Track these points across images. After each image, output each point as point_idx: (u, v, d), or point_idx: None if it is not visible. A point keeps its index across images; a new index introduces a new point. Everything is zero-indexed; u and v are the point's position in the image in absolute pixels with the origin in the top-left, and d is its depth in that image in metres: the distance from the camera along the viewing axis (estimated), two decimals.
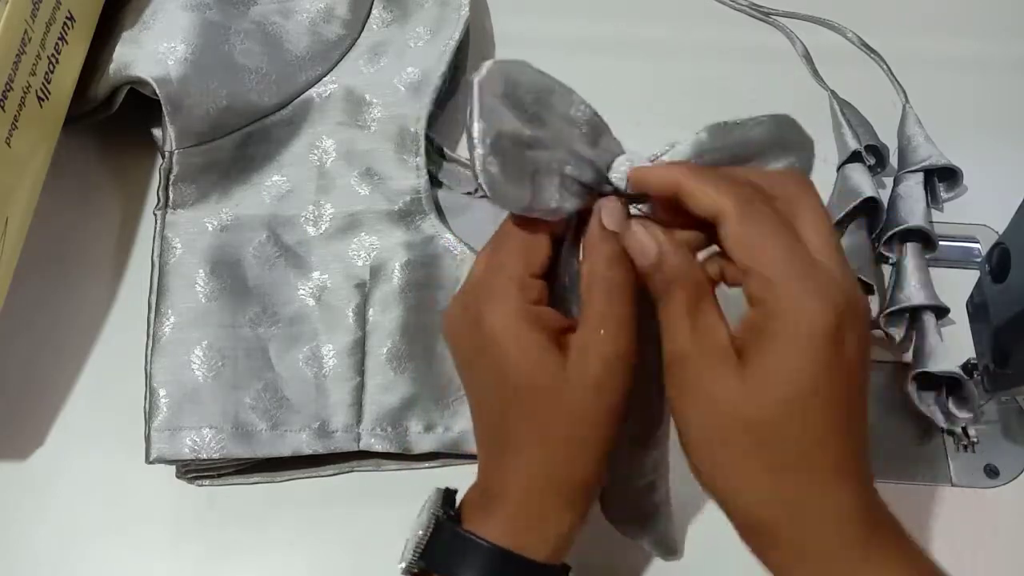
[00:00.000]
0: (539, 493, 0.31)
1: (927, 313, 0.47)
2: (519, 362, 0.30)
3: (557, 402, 0.30)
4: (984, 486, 0.44)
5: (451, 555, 0.31)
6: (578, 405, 0.30)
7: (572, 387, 0.30)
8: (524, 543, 0.31)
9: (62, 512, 0.43)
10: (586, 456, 0.31)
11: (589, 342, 0.30)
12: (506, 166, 0.29)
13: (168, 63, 0.45)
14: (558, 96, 0.31)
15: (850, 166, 0.51)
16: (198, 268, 0.44)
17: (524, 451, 0.31)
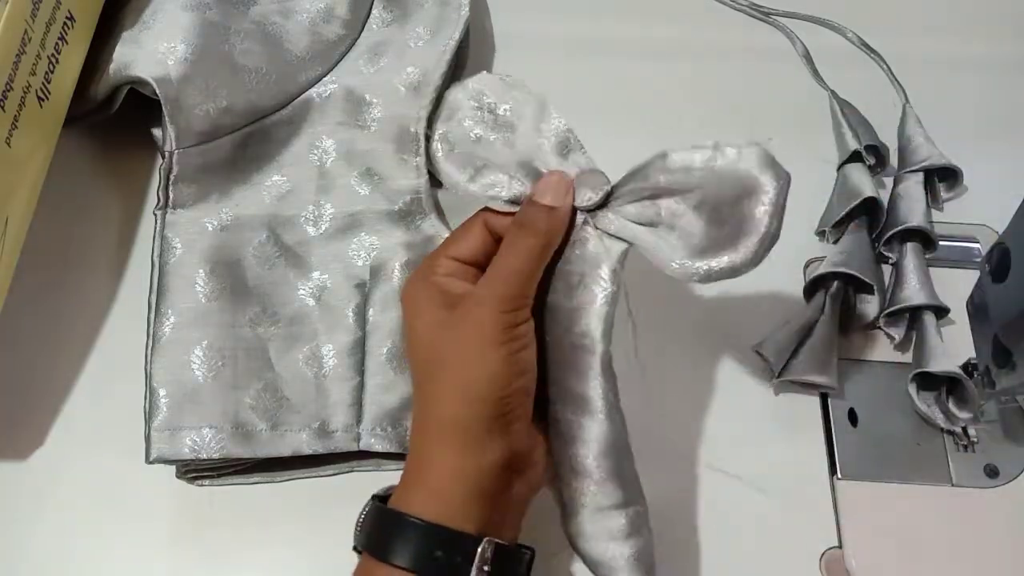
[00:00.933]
0: (418, 440, 0.34)
1: (927, 313, 0.47)
2: (413, 319, 0.35)
3: (436, 347, 0.34)
4: (984, 486, 0.44)
5: (379, 533, 0.33)
6: (447, 344, 0.34)
7: (449, 330, 0.34)
8: (427, 508, 0.32)
9: (62, 512, 0.43)
10: (449, 393, 0.33)
11: (482, 290, 0.34)
12: (450, 153, 0.35)
13: (168, 63, 0.45)
14: (533, 109, 0.36)
15: (850, 166, 0.51)
16: (198, 268, 0.44)
17: (416, 402, 0.35)
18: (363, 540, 0.34)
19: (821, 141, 0.54)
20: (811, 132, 0.55)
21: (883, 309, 0.47)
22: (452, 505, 0.32)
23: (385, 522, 0.33)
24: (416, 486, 0.33)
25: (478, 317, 0.33)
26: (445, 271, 0.36)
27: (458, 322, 0.34)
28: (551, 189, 0.35)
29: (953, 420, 0.45)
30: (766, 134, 0.54)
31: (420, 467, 0.34)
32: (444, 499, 0.32)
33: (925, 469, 0.45)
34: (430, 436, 0.34)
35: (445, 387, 0.33)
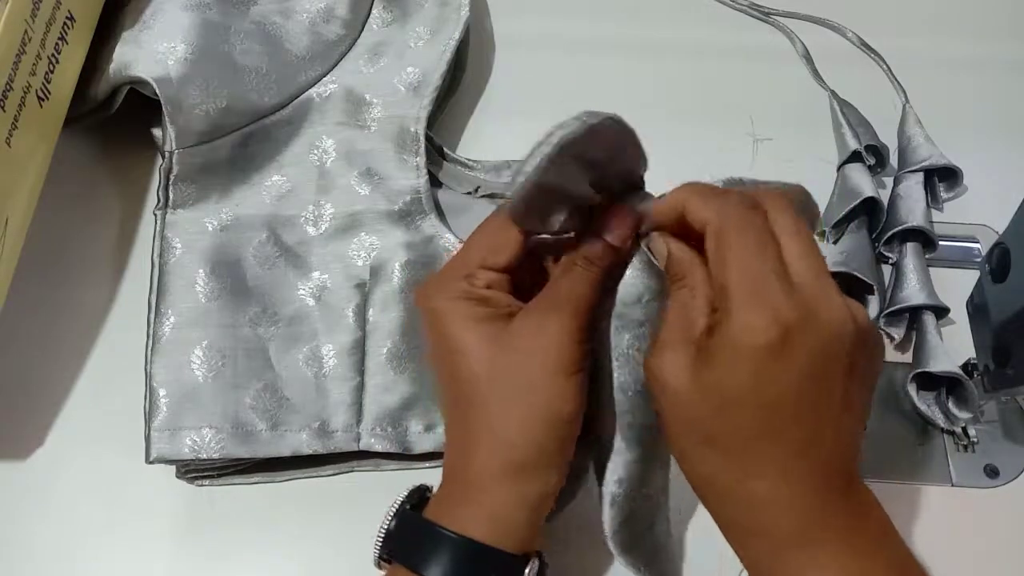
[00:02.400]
0: (477, 464, 0.32)
1: (927, 313, 0.47)
2: (457, 334, 0.33)
3: (494, 367, 0.32)
4: (984, 486, 0.44)
5: (413, 545, 0.32)
6: (514, 367, 0.32)
7: (511, 351, 0.32)
8: (469, 522, 0.32)
9: (62, 512, 0.43)
10: (521, 419, 0.32)
11: (536, 309, 0.33)
12: (532, 207, 0.31)
13: (168, 63, 0.45)
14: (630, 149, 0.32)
15: (850, 166, 0.51)
16: (198, 268, 0.44)
17: (466, 421, 0.33)
18: (397, 550, 0.33)
19: (821, 141, 0.54)
20: (811, 132, 0.55)
21: (883, 309, 0.47)
22: (515, 532, 0.32)
23: (434, 540, 0.32)
24: (470, 506, 0.32)
25: (551, 344, 0.32)
26: (485, 281, 0.33)
27: (527, 338, 0.32)
28: (619, 229, 0.33)
29: (953, 420, 0.45)
30: (766, 134, 0.55)
31: (475, 488, 0.32)
32: (507, 525, 0.32)
33: (925, 469, 0.45)
34: (487, 457, 0.32)
35: (510, 409, 0.32)
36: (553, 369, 0.32)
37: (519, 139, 0.53)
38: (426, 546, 0.32)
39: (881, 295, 0.48)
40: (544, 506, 0.33)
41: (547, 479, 0.33)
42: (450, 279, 0.34)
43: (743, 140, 0.54)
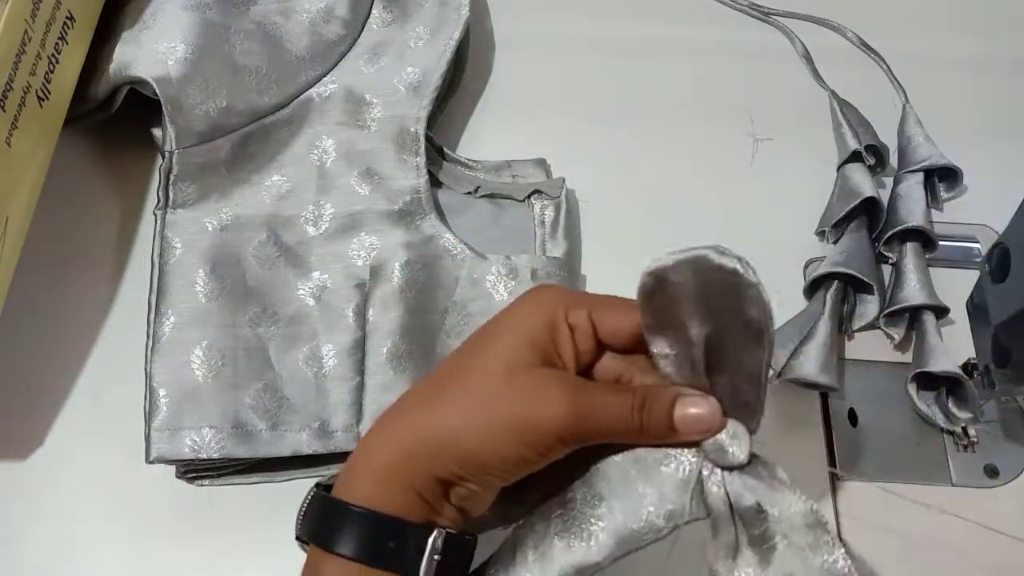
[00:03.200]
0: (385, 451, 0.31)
1: (927, 313, 0.47)
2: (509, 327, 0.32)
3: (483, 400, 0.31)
4: (984, 486, 0.44)
5: (322, 524, 0.32)
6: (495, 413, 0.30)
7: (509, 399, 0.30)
8: (383, 500, 0.31)
9: (62, 512, 0.43)
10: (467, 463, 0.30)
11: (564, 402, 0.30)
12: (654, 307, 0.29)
13: (168, 63, 0.45)
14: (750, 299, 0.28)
15: (850, 166, 0.51)
16: (198, 268, 0.44)
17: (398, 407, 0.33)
18: (307, 530, 0.32)
19: (821, 141, 0.54)
20: (811, 132, 0.55)
21: (883, 309, 0.47)
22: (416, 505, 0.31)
23: (329, 510, 0.32)
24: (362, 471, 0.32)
25: (542, 411, 0.30)
26: (575, 321, 0.32)
27: (529, 385, 0.30)
28: (693, 414, 0.31)
29: (953, 420, 0.45)
30: (766, 134, 0.55)
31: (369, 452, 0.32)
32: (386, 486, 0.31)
33: (925, 469, 0.45)
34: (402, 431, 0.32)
35: (449, 411, 0.31)
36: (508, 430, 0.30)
37: (519, 139, 0.53)
38: (333, 523, 0.31)
39: (881, 295, 0.48)
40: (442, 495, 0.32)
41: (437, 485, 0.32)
42: (560, 295, 0.32)
43: (743, 140, 0.54)
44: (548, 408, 0.30)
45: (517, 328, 0.32)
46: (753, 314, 0.28)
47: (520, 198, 0.50)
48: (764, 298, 0.27)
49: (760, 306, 0.27)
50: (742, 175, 0.53)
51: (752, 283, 0.27)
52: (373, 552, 0.31)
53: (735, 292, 0.27)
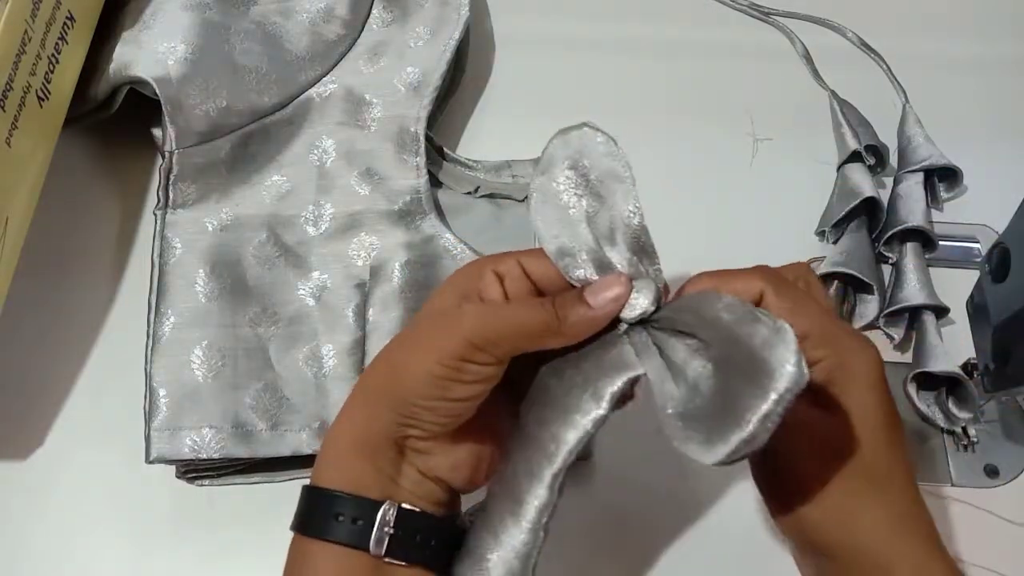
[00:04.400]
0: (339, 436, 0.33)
1: (927, 313, 0.47)
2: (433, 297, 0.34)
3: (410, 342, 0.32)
4: (984, 486, 0.44)
5: (306, 512, 0.33)
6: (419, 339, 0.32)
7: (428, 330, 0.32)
8: (343, 480, 0.32)
9: (62, 512, 0.43)
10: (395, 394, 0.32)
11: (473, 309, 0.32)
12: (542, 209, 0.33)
13: (168, 63, 0.45)
14: (622, 191, 0.32)
15: (850, 166, 0.51)
16: (198, 268, 0.44)
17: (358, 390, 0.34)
18: (293, 521, 0.34)
19: (821, 141, 0.54)
20: (811, 132, 0.55)
21: (883, 309, 0.47)
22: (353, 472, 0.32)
23: (302, 497, 0.33)
24: (325, 455, 0.34)
25: (452, 327, 0.31)
26: (504, 269, 0.33)
27: (444, 314, 0.32)
28: (604, 297, 0.32)
29: (953, 420, 0.45)
30: (766, 134, 0.55)
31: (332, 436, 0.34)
32: (346, 467, 0.33)
33: (925, 469, 0.45)
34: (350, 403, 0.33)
35: (383, 365, 0.33)
36: (428, 347, 0.31)
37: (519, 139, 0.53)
38: (300, 507, 0.33)
39: (881, 295, 0.48)
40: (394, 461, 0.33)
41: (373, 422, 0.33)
42: (488, 255, 0.35)
43: (743, 140, 0.55)
44: (454, 321, 0.31)
45: (447, 285, 0.34)
46: (613, 166, 0.32)
47: (520, 198, 0.50)
48: (616, 148, 0.32)
49: (615, 157, 0.32)
50: (742, 175, 0.53)
51: (604, 138, 0.31)
52: (322, 526, 0.32)
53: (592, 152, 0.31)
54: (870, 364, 0.33)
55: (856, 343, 0.33)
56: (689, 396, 0.30)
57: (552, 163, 0.32)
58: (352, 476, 0.32)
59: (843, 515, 0.33)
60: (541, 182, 0.33)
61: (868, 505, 0.32)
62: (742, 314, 0.29)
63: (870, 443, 0.32)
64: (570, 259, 0.33)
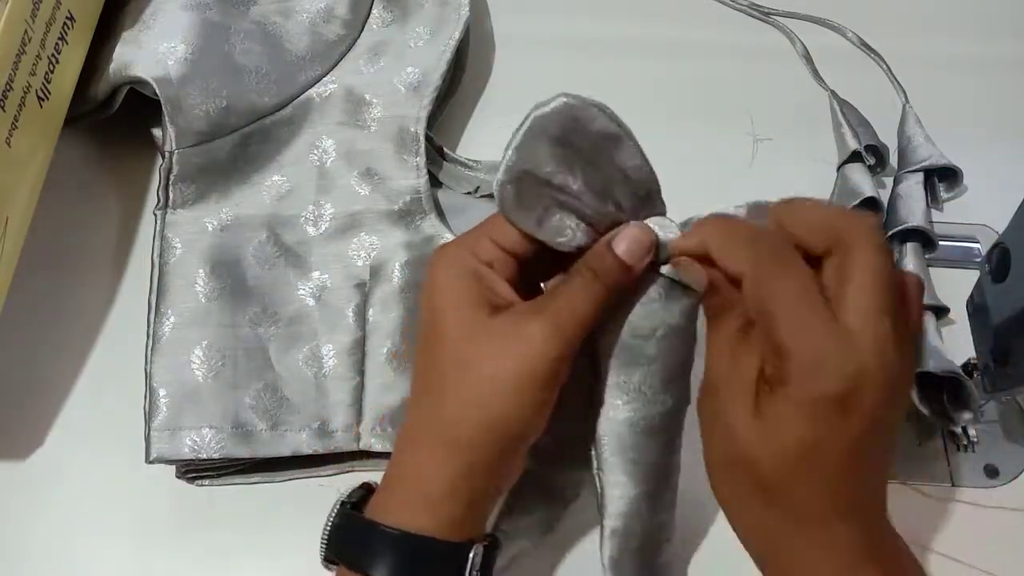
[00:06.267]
0: (422, 454, 0.32)
1: (927, 313, 0.47)
2: (443, 311, 0.32)
3: (464, 357, 0.31)
4: (984, 486, 0.44)
5: (355, 546, 0.32)
6: (481, 365, 0.31)
7: (485, 347, 0.31)
8: (421, 523, 0.31)
9: (62, 512, 0.43)
10: (474, 421, 0.31)
11: (528, 313, 0.31)
12: (521, 196, 0.30)
13: (168, 63, 0.46)
14: (624, 148, 0.31)
15: (850, 166, 0.51)
16: (198, 268, 0.44)
17: (420, 402, 0.33)
18: (339, 552, 0.32)
19: (821, 141, 0.54)
20: (811, 132, 0.55)
21: None
22: (456, 525, 0.32)
23: (365, 533, 0.32)
24: (403, 496, 0.32)
25: (529, 349, 0.30)
26: (488, 257, 0.32)
27: (503, 339, 0.30)
28: (633, 245, 0.31)
29: (953, 420, 0.45)
30: (766, 134, 0.55)
31: (409, 475, 0.32)
32: (436, 513, 0.31)
33: (925, 469, 0.45)
34: (432, 448, 0.32)
35: (467, 406, 0.31)
36: (518, 382, 0.30)
37: None
38: (368, 545, 0.31)
39: None
40: (486, 501, 0.33)
41: (490, 480, 0.32)
42: (457, 247, 0.33)
43: (743, 140, 0.54)
44: (531, 345, 0.30)
45: (452, 301, 0.32)
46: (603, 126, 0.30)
47: None
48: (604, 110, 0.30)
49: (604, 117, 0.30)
50: (742, 175, 0.53)
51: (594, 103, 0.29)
52: (410, 570, 0.31)
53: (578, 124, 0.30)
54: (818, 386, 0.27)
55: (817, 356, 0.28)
56: None
57: (531, 150, 0.30)
58: (444, 523, 0.31)
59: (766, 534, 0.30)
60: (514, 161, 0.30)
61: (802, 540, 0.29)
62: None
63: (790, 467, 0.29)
64: (566, 234, 0.32)
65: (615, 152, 0.31)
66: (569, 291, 0.31)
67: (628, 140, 0.30)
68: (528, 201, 0.31)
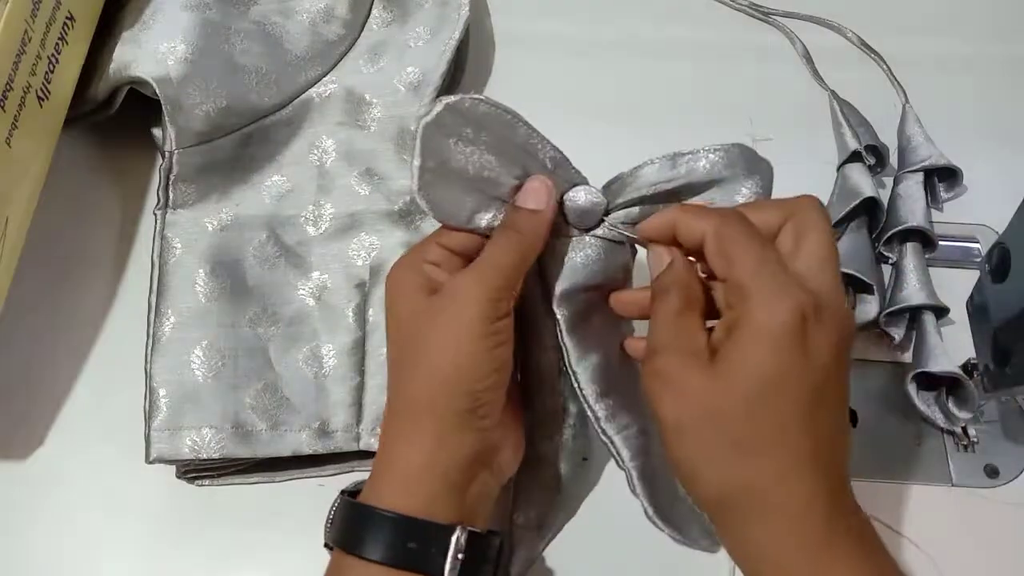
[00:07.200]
0: (391, 428, 0.34)
1: (927, 313, 0.47)
2: (393, 305, 0.35)
3: (413, 335, 0.33)
4: (984, 486, 0.44)
5: (348, 529, 0.33)
6: (424, 332, 0.33)
7: (427, 319, 0.33)
8: (402, 503, 0.32)
9: (62, 512, 0.43)
10: (423, 381, 0.33)
11: (466, 280, 0.33)
12: (440, 198, 0.33)
13: (168, 63, 0.45)
14: (520, 130, 0.34)
15: (850, 166, 0.51)
16: (198, 268, 0.44)
17: (389, 390, 0.35)
18: (334, 536, 0.34)
19: (821, 141, 0.54)
20: (811, 132, 0.55)
21: (883, 309, 0.47)
22: (423, 497, 0.33)
23: (355, 516, 0.33)
24: (386, 478, 0.34)
25: (460, 307, 0.33)
26: (434, 258, 0.35)
27: (439, 310, 0.33)
28: (532, 194, 0.35)
29: (953, 420, 0.45)
30: (766, 134, 0.55)
31: (390, 459, 0.34)
32: (415, 491, 0.33)
33: (925, 469, 0.45)
34: (402, 425, 0.34)
35: (420, 373, 0.33)
36: (458, 332, 0.32)
37: None
38: (358, 527, 0.33)
39: (881, 295, 0.48)
40: (453, 474, 0.33)
41: (452, 446, 0.33)
42: (406, 255, 0.36)
43: (743, 140, 0.54)
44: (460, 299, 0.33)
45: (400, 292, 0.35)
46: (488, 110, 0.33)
47: None
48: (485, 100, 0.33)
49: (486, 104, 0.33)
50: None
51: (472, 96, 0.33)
52: (395, 554, 0.32)
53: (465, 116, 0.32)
54: (773, 315, 0.29)
55: (772, 290, 0.29)
56: None
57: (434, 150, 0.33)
58: (424, 501, 0.33)
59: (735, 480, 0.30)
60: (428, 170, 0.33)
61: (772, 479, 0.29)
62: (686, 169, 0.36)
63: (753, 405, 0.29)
64: (485, 220, 0.35)
65: (510, 133, 0.34)
66: (490, 248, 0.34)
67: (516, 119, 0.34)
68: (449, 199, 0.33)
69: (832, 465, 0.30)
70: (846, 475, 0.30)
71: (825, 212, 0.32)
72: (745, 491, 0.29)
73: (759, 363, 0.29)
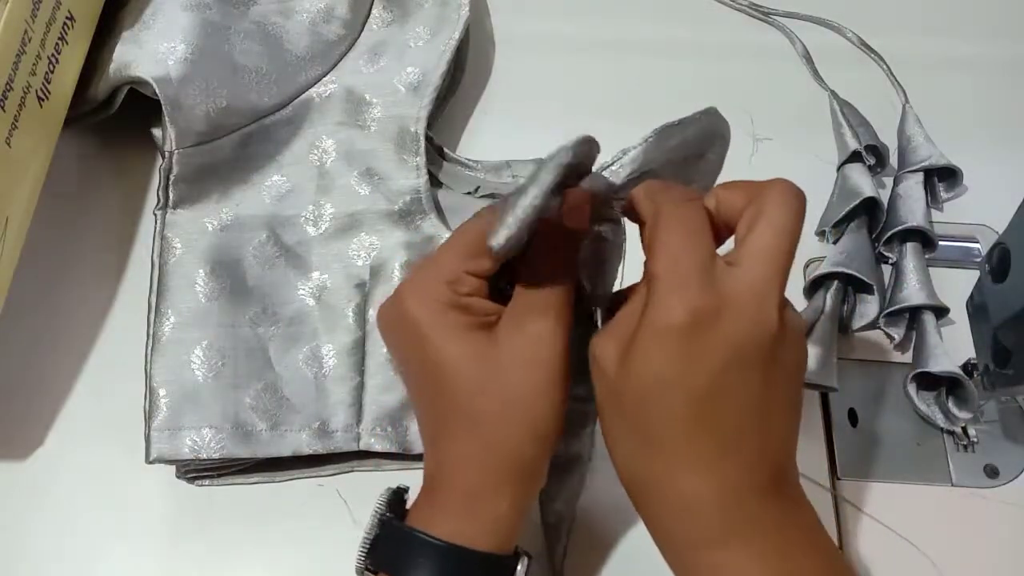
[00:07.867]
0: (474, 478, 0.32)
1: (927, 313, 0.47)
2: (441, 347, 0.32)
3: (485, 382, 0.31)
4: (984, 486, 0.44)
5: (395, 554, 0.32)
6: (507, 381, 0.31)
7: (502, 364, 0.31)
8: (465, 533, 0.31)
9: (62, 512, 0.43)
10: (520, 434, 0.32)
11: (523, 317, 0.32)
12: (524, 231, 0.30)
13: (168, 63, 0.45)
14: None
15: (850, 166, 0.51)
16: (198, 268, 0.44)
17: (457, 437, 0.32)
18: (390, 566, 0.32)
19: (821, 141, 0.54)
20: (811, 132, 0.55)
21: (883, 309, 0.47)
22: (508, 536, 0.33)
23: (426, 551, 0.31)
24: (467, 518, 0.32)
25: (543, 356, 0.31)
26: (468, 289, 0.32)
27: (511, 355, 0.31)
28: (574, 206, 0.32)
29: (953, 420, 0.45)
30: (766, 134, 0.55)
31: (471, 499, 0.32)
32: (505, 531, 0.32)
33: (925, 469, 0.45)
34: (480, 470, 0.32)
35: (510, 424, 0.31)
36: (545, 384, 0.31)
37: (519, 139, 0.53)
38: (417, 557, 0.31)
39: (881, 295, 0.48)
40: (528, 504, 0.33)
41: (537, 483, 0.33)
42: (431, 284, 0.32)
43: (743, 140, 0.54)
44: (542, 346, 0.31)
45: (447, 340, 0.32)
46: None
47: None
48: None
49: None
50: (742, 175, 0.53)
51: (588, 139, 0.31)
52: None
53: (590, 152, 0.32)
54: (667, 312, 0.28)
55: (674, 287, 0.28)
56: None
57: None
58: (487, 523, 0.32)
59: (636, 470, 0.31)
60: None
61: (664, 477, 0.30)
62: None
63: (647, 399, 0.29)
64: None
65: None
66: (551, 280, 0.32)
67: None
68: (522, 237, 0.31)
69: (739, 466, 0.29)
70: (765, 476, 0.30)
71: (792, 198, 0.30)
72: (642, 480, 0.30)
73: (649, 360, 0.29)
